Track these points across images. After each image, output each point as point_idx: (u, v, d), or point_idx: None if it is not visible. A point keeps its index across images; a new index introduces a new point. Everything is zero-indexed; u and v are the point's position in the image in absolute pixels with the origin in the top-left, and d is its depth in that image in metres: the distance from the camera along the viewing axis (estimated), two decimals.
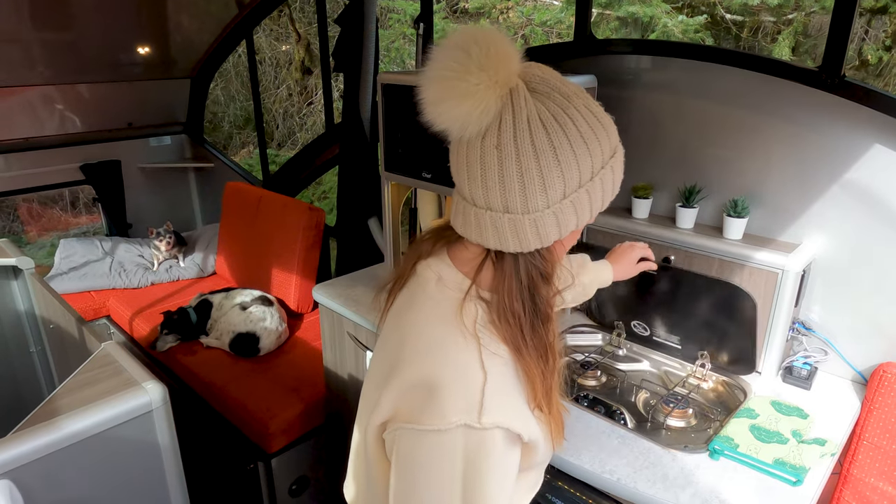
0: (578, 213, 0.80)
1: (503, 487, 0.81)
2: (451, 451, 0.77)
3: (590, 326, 1.99)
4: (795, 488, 1.28)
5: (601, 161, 0.80)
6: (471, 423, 0.76)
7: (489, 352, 0.81)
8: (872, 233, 1.57)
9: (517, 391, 0.83)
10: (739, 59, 1.65)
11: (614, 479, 1.31)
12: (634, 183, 1.91)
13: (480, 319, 0.83)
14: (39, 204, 7.35)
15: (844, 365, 1.68)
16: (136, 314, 3.09)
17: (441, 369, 0.80)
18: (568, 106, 0.77)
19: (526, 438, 0.81)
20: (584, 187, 0.79)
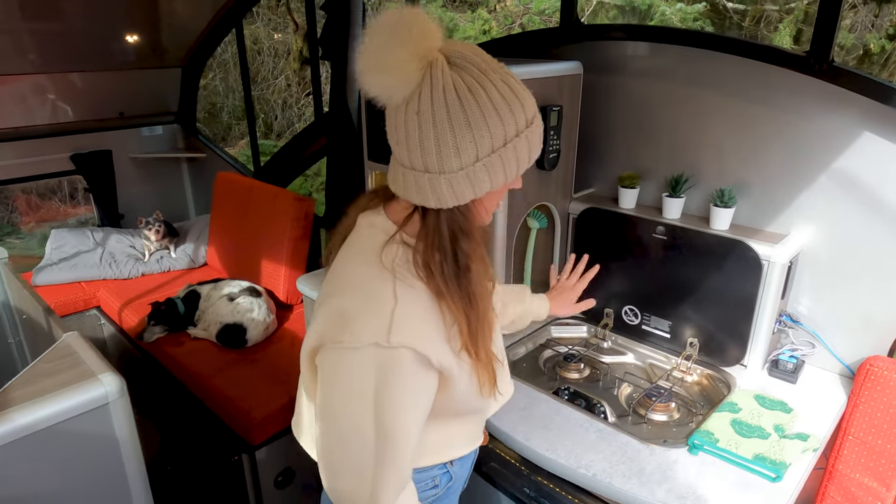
0: (492, 176, 0.89)
1: (412, 406, 0.92)
2: (365, 368, 0.88)
3: (575, 318, 1.96)
4: (775, 484, 1.25)
5: (515, 130, 0.88)
6: (380, 341, 0.87)
7: (404, 284, 0.91)
8: (862, 223, 1.53)
9: (432, 323, 0.93)
10: (727, 45, 1.61)
11: (590, 475, 1.29)
12: (621, 172, 1.88)
13: (400, 258, 0.94)
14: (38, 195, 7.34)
15: (832, 358, 1.64)
16: (126, 305, 3.07)
17: (357, 297, 0.92)
18: (483, 79, 0.86)
19: (435, 363, 0.91)
20: (496, 153, 0.88)
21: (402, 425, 0.92)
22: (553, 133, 1.70)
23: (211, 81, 8.79)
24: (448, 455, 1.16)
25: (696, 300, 1.68)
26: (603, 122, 1.95)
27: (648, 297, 1.78)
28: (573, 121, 1.81)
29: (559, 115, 1.71)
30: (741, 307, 1.59)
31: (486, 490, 1.62)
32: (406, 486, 0.99)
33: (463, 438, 1.18)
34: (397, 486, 0.95)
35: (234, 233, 3.27)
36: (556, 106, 1.69)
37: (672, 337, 1.75)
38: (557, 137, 1.73)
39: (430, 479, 1.17)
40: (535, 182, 1.75)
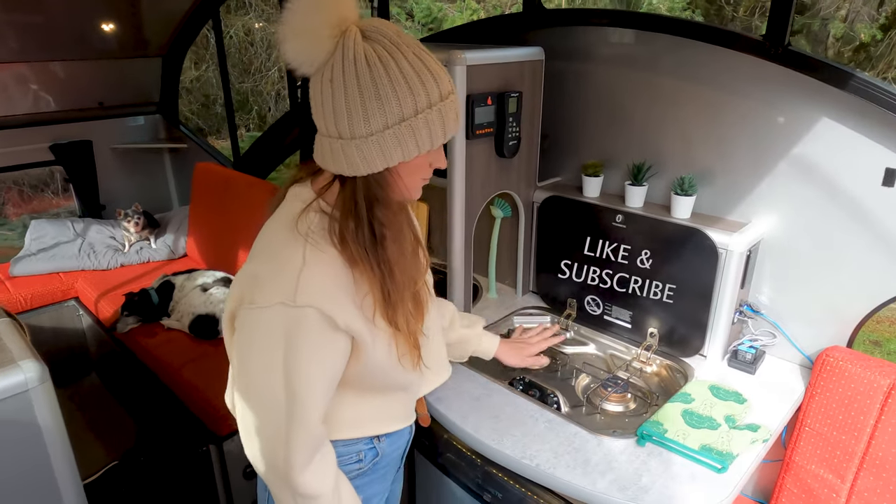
0: (402, 146, 0.91)
1: (318, 366, 0.95)
2: (273, 327, 0.92)
3: (539, 308, 1.94)
4: (720, 475, 1.23)
5: (426, 102, 0.90)
6: (287, 301, 0.90)
7: (315, 249, 0.94)
8: (821, 212, 1.50)
9: (342, 288, 0.95)
10: (686, 29, 1.57)
11: (533, 465, 1.27)
12: (585, 160, 1.85)
13: (315, 225, 0.97)
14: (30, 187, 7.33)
15: (793, 349, 1.62)
16: (102, 295, 3.06)
17: (269, 261, 0.96)
18: (395, 51, 0.88)
19: (341, 324, 0.93)
20: (406, 122, 0.90)
21: (309, 385, 0.94)
22: (512, 120, 1.67)
23: (204, 73, 8.76)
24: (372, 430, 1.16)
25: (655, 290, 1.65)
26: (570, 110, 1.92)
27: (610, 287, 1.75)
28: (535, 108, 1.78)
29: (518, 102, 1.68)
30: (699, 297, 1.57)
31: (439, 480, 1.61)
32: (321, 451, 1.01)
33: (390, 415, 1.18)
34: (308, 448, 0.98)
35: (212, 224, 3.25)
36: (515, 92, 1.66)
37: (633, 327, 1.73)
38: (517, 124, 1.70)
39: (355, 454, 1.17)
40: (494, 169, 1.73)
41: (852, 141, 1.40)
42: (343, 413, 1.11)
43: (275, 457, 0.98)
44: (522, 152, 1.78)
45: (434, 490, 1.67)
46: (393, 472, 1.33)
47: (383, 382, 1.10)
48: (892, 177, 1.36)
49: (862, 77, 1.31)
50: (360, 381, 1.07)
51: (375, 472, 1.24)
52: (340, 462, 1.15)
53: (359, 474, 1.20)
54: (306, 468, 0.98)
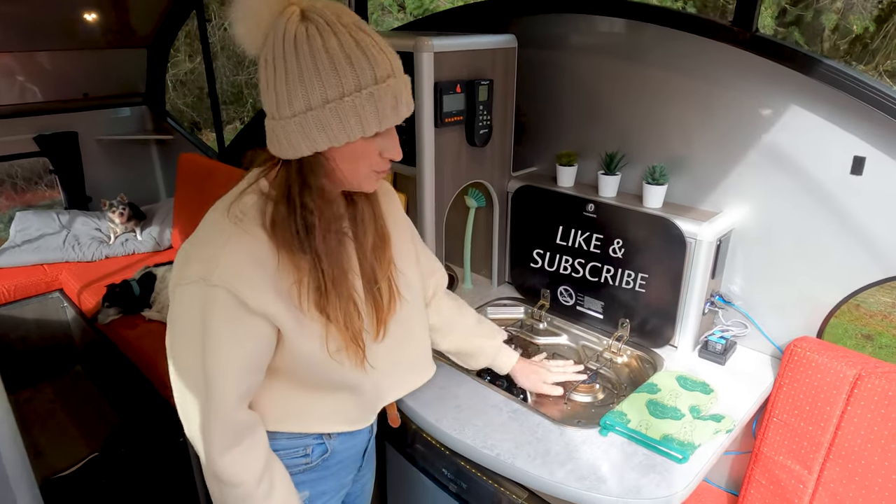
0: (327, 130, 0.88)
1: (232, 349, 0.94)
2: (192, 305, 0.92)
3: (513, 299, 1.92)
4: (680, 465, 1.22)
5: (354, 85, 0.87)
6: (204, 279, 0.90)
7: (241, 230, 0.93)
8: (792, 201, 1.48)
9: (263, 271, 0.94)
10: (653, 15, 1.55)
11: (493, 455, 1.26)
12: (559, 150, 1.83)
13: (251, 207, 0.95)
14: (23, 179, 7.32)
15: (765, 340, 1.60)
16: (85, 287, 3.05)
17: (198, 238, 0.96)
18: (327, 30, 0.86)
19: (254, 307, 0.92)
20: (331, 104, 0.87)
21: (223, 367, 0.94)
22: (483, 108, 1.66)
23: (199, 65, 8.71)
24: (315, 427, 1.14)
25: (626, 280, 1.64)
26: (545, 99, 1.90)
27: (582, 278, 1.74)
28: (507, 96, 1.76)
29: (489, 90, 1.66)
30: (669, 287, 1.56)
31: (408, 471, 1.60)
32: (247, 438, 1.00)
33: (341, 416, 1.15)
34: (226, 434, 0.97)
35: (196, 215, 3.20)
36: (486, 80, 1.64)
37: (605, 318, 1.72)
38: (488, 113, 1.68)
39: (302, 447, 1.15)
40: (466, 159, 1.71)
41: (821, 129, 1.38)
42: (286, 405, 1.10)
43: (197, 438, 0.99)
44: (495, 141, 1.77)
45: (404, 481, 1.66)
46: (351, 470, 1.30)
47: (322, 378, 1.07)
48: (860, 165, 1.34)
49: (829, 64, 1.29)
50: (294, 372, 1.05)
51: (326, 469, 1.22)
52: (285, 455, 1.13)
53: (306, 469, 1.18)
54: (225, 454, 0.97)
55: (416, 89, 1.53)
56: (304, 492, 1.19)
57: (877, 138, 1.31)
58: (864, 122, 1.31)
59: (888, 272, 1.38)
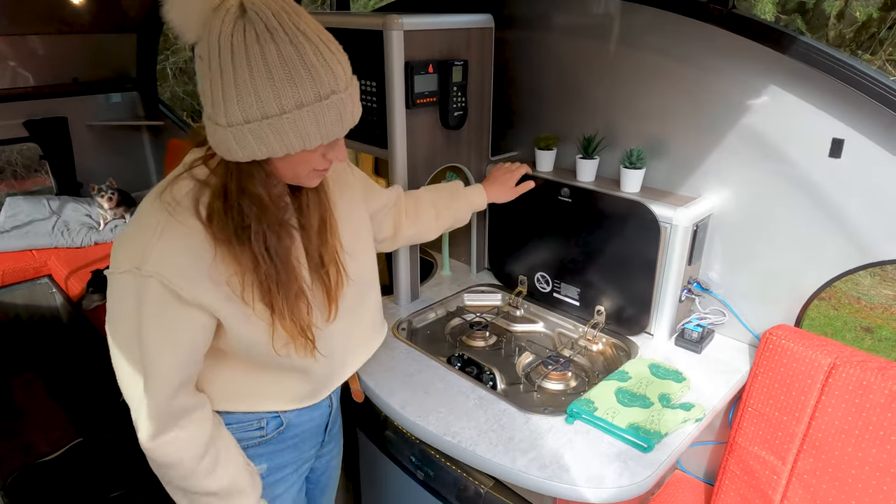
0: (266, 143, 0.83)
1: (167, 338, 0.92)
2: (126, 292, 0.91)
3: (491, 286, 1.89)
4: (645, 454, 1.19)
5: (294, 103, 0.81)
6: (136, 268, 0.88)
7: (175, 220, 0.89)
8: (770, 185, 1.44)
9: (197, 261, 0.90)
10: None
11: (455, 442, 1.23)
12: (537, 134, 1.79)
13: (184, 195, 0.90)
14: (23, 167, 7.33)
15: (743, 328, 1.57)
16: (73, 273, 3.04)
17: (130, 227, 0.93)
18: (267, 37, 0.79)
19: (188, 297, 0.89)
20: (269, 120, 0.81)
21: (158, 357, 0.92)
22: (457, 90, 1.62)
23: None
24: (266, 405, 1.14)
25: (602, 266, 1.60)
26: (526, 82, 1.86)
27: (559, 264, 1.70)
28: (484, 77, 1.72)
29: (464, 71, 1.62)
30: (644, 273, 1.52)
31: (378, 458, 1.59)
32: (180, 424, 0.98)
33: (289, 393, 1.15)
34: (159, 419, 0.95)
35: None
36: (460, 61, 1.60)
37: (581, 305, 1.68)
38: (463, 95, 1.64)
39: (256, 420, 1.15)
40: (440, 142, 1.68)
41: (799, 110, 1.34)
42: (235, 387, 1.08)
43: (134, 421, 0.98)
44: (472, 124, 1.73)
45: (375, 469, 1.65)
46: (312, 444, 1.29)
47: (270, 362, 1.05)
48: (838, 147, 1.30)
49: (805, 42, 1.24)
50: (239, 355, 1.03)
51: (283, 442, 1.21)
52: (238, 428, 1.13)
53: (262, 442, 1.17)
54: (155, 438, 0.96)
55: (387, 69, 1.49)
56: (261, 465, 1.19)
57: (855, 120, 1.26)
58: (842, 103, 1.26)
59: (867, 258, 1.34)
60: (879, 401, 1.23)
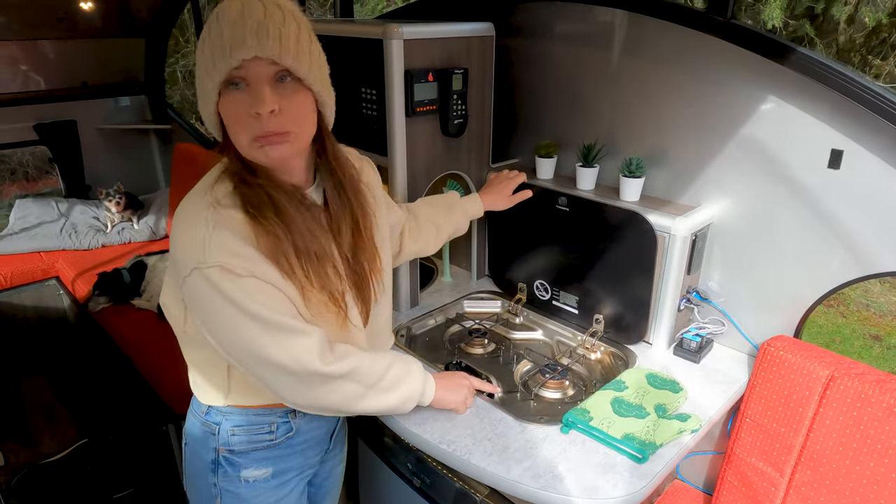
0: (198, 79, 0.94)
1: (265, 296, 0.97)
2: (205, 290, 0.95)
3: (491, 293, 1.90)
4: (639, 465, 1.19)
5: (204, 38, 0.92)
6: (199, 265, 0.93)
7: (219, 212, 0.96)
8: (770, 195, 1.43)
9: (247, 243, 0.97)
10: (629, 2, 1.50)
11: (450, 450, 1.24)
12: (538, 141, 1.79)
13: (227, 196, 0.98)
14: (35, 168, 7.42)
15: (742, 338, 1.56)
16: (79, 275, 3.07)
17: (180, 233, 0.97)
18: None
19: (242, 272, 0.94)
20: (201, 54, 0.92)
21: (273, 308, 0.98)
22: (457, 98, 1.62)
23: None
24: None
25: (600, 275, 1.60)
26: (528, 89, 1.87)
27: (557, 272, 1.70)
28: (485, 85, 1.72)
29: (464, 79, 1.62)
30: (643, 282, 1.52)
31: (376, 465, 1.59)
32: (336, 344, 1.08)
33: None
34: (314, 348, 1.02)
35: None
36: (460, 69, 1.61)
37: (580, 313, 1.68)
38: (463, 103, 1.65)
39: (267, 424, 1.19)
40: (440, 149, 1.68)
41: (798, 121, 1.33)
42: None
43: (301, 380, 1.03)
44: (472, 132, 1.73)
45: (374, 476, 1.65)
46: (317, 451, 1.32)
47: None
48: (837, 158, 1.29)
49: (804, 53, 1.24)
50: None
51: (290, 448, 1.24)
52: (250, 430, 1.18)
53: (270, 446, 1.20)
54: (325, 357, 1.03)
55: (387, 78, 1.50)
56: (266, 468, 1.22)
57: (853, 131, 1.26)
58: (841, 114, 1.26)
59: (866, 269, 1.33)
60: (877, 414, 1.22)
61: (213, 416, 1.18)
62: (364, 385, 1.10)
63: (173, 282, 1.03)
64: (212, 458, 1.19)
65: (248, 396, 1.16)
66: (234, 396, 1.15)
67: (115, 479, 2.46)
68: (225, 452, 1.18)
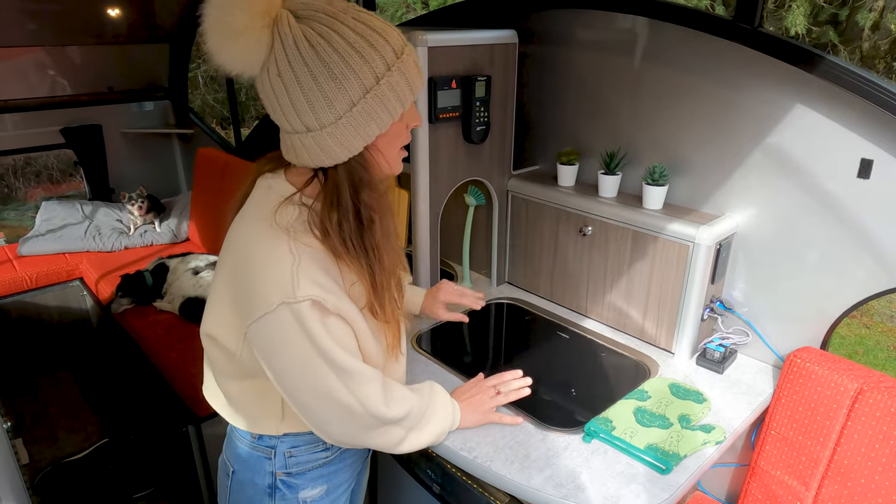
0: (375, 118, 0.88)
1: (343, 337, 0.96)
2: (287, 326, 0.90)
3: (512, 299, 1.89)
4: (663, 476, 1.18)
5: (384, 66, 0.86)
6: (288, 299, 0.89)
7: (300, 243, 0.92)
8: (797, 205, 1.42)
9: (331, 276, 0.94)
10: (653, 10, 1.50)
11: (471, 457, 1.23)
12: (562, 148, 1.79)
13: (295, 219, 0.94)
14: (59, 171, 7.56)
15: (766, 349, 1.54)
16: (103, 277, 3.12)
17: (257, 264, 0.92)
18: (334, 22, 0.84)
19: (332, 308, 0.92)
20: (371, 93, 0.86)
21: (345, 352, 0.96)
22: (480, 104, 1.63)
23: None
24: None
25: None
26: (548, 96, 1.86)
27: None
28: (507, 92, 1.73)
29: (487, 86, 1.63)
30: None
31: (395, 471, 1.59)
32: (386, 383, 1.06)
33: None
34: (379, 391, 1.02)
35: (211, 208, 3.28)
36: (483, 76, 1.61)
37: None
38: (486, 109, 1.65)
39: (322, 441, 1.16)
40: (462, 156, 1.69)
41: (827, 130, 1.32)
42: None
43: (360, 423, 1.01)
44: (494, 138, 1.74)
45: (392, 481, 1.65)
46: (360, 463, 1.32)
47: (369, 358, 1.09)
48: (867, 168, 1.27)
49: (834, 62, 1.22)
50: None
51: (342, 462, 1.23)
52: (308, 450, 1.15)
53: (325, 463, 1.19)
54: (388, 403, 1.04)
55: None
56: (322, 486, 1.20)
57: (885, 140, 1.24)
58: (872, 124, 1.24)
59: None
60: None
61: (267, 441, 1.14)
62: (406, 428, 1.11)
63: (238, 314, 0.96)
64: (268, 483, 1.15)
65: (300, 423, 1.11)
66: (287, 422, 1.11)
67: (135, 478, 2.48)
68: (282, 476, 1.15)
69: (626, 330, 1.66)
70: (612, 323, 1.69)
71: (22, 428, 2.83)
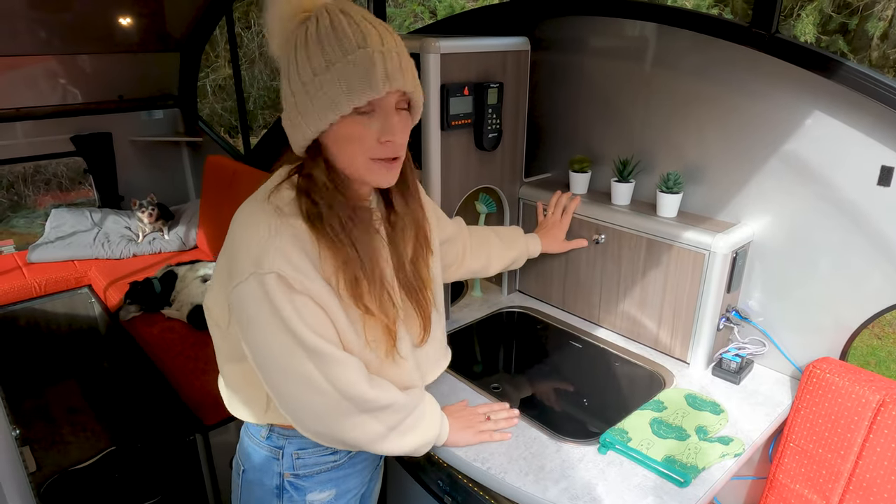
0: (305, 115, 0.92)
1: (315, 316, 0.96)
2: (256, 296, 0.93)
3: (523, 308, 1.87)
4: (681, 489, 1.15)
5: (324, 62, 0.89)
6: (256, 270, 0.92)
7: (286, 223, 0.95)
8: (815, 212, 1.40)
9: (307, 258, 0.95)
10: (668, 16, 1.49)
11: (484, 469, 1.21)
12: (571, 155, 1.78)
13: (286, 201, 0.98)
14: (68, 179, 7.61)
15: (784, 359, 1.51)
16: (111, 284, 3.12)
17: (239, 237, 0.97)
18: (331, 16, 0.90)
19: (298, 287, 0.93)
20: (318, 76, 0.89)
21: (316, 331, 0.96)
22: (492, 112, 1.62)
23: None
24: None
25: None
26: (561, 104, 1.86)
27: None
28: (519, 99, 1.72)
29: (499, 93, 1.62)
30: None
31: (406, 482, 1.57)
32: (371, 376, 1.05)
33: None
34: (358, 375, 1.01)
35: (220, 216, 3.28)
36: (495, 83, 1.60)
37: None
38: (497, 117, 1.64)
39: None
40: (474, 163, 1.68)
41: (846, 136, 1.30)
42: None
43: (332, 408, 1.00)
44: (506, 146, 1.73)
45: (402, 491, 1.63)
46: (371, 469, 1.32)
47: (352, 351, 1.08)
48: (888, 175, 1.25)
49: (853, 67, 1.21)
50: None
51: (352, 467, 1.23)
52: (314, 453, 1.16)
53: (333, 467, 1.19)
54: (372, 384, 1.03)
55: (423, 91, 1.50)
56: (330, 490, 1.21)
57: None
58: (893, 130, 1.22)
59: None
60: None
61: (276, 441, 1.15)
62: (386, 426, 1.08)
63: (223, 285, 1.01)
64: (276, 484, 1.16)
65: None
66: (272, 413, 1.11)
67: (142, 486, 2.47)
68: (290, 477, 1.16)
69: (639, 339, 1.64)
70: (625, 332, 1.67)
71: (29, 435, 2.83)
